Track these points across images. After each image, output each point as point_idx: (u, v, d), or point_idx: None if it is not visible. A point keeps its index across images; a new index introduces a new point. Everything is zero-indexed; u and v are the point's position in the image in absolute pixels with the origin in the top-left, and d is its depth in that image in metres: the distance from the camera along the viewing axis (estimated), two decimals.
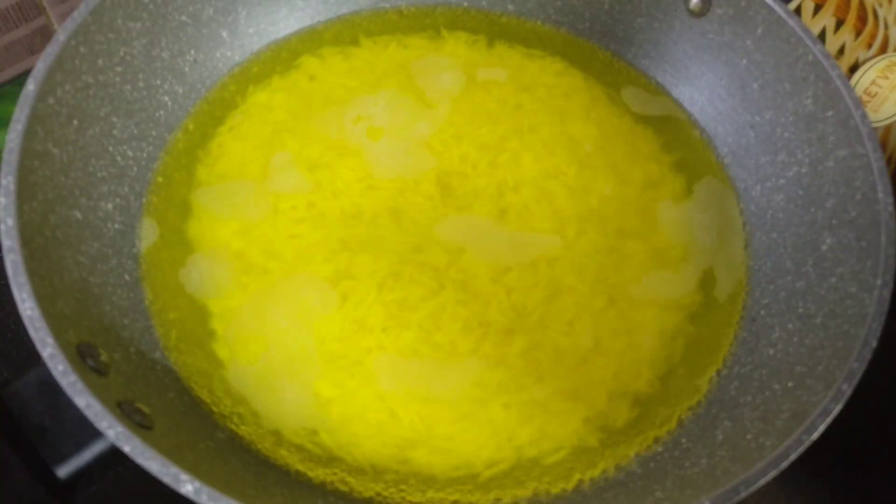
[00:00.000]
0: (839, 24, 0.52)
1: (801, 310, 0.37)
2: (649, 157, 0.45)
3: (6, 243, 0.29)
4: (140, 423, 0.29)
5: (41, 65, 0.34)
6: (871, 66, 0.51)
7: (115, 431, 0.26)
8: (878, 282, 0.33)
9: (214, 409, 0.35)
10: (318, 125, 0.44)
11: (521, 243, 0.40)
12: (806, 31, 0.40)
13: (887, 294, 0.33)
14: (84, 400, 0.27)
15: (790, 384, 0.34)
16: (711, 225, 0.43)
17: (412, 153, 0.43)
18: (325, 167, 0.42)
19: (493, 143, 0.44)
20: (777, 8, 0.41)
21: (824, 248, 0.38)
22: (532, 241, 0.41)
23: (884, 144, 0.50)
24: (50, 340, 0.27)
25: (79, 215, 0.35)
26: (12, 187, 0.30)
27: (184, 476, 0.26)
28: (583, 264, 0.40)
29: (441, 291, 0.38)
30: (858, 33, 0.52)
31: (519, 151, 0.44)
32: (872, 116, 0.50)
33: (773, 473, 0.29)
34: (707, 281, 0.41)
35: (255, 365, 0.36)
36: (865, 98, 0.50)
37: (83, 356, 0.29)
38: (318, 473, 0.34)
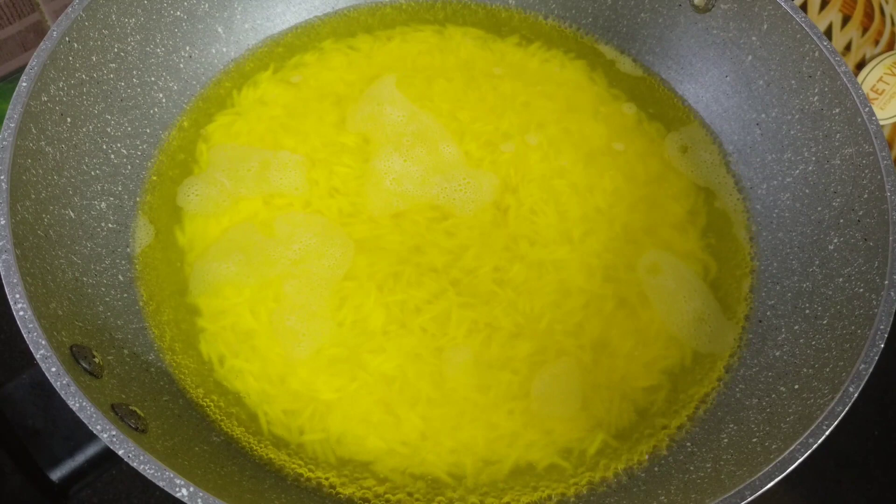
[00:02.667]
0: (846, 20, 0.51)
1: (807, 311, 0.36)
2: (654, 153, 0.44)
3: None
4: (134, 426, 0.28)
5: (34, 62, 0.34)
6: (878, 63, 0.50)
7: (108, 434, 0.26)
8: (886, 282, 0.33)
9: (209, 412, 0.34)
10: (315, 121, 0.43)
11: (526, 244, 0.40)
12: (812, 26, 0.40)
13: (895, 294, 0.33)
14: (77, 402, 0.26)
15: (796, 386, 0.33)
16: (717, 221, 0.42)
17: (411, 150, 0.43)
18: (321, 164, 0.42)
19: (496, 141, 0.43)
20: (783, 3, 0.41)
21: (831, 247, 0.37)
22: (538, 243, 0.40)
23: (891, 142, 0.49)
24: (43, 342, 0.27)
25: (72, 214, 0.35)
26: (5, 186, 0.30)
27: (179, 480, 0.25)
28: (591, 265, 0.39)
29: (443, 294, 0.38)
30: (865, 30, 0.51)
31: (524, 149, 0.43)
32: (879, 114, 0.49)
33: (779, 477, 0.28)
34: (714, 280, 0.40)
35: (252, 367, 0.36)
36: (872, 95, 0.50)
37: (77, 358, 0.29)
38: (315, 477, 0.33)
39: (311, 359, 0.36)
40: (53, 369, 0.27)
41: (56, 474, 0.31)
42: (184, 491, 0.25)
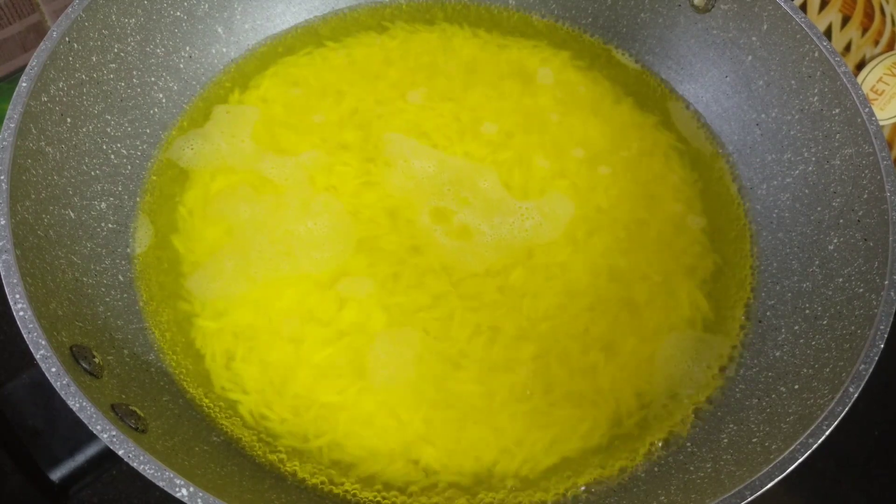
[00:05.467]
0: (846, 20, 0.51)
1: (807, 311, 0.36)
2: (654, 152, 0.44)
3: None
4: (134, 427, 0.28)
5: (35, 62, 0.34)
6: (878, 64, 0.50)
7: (108, 435, 0.26)
8: (886, 282, 0.33)
9: (209, 412, 0.34)
10: (314, 121, 0.43)
11: (528, 247, 0.40)
12: (812, 27, 0.40)
13: (895, 295, 0.33)
14: (77, 402, 0.26)
15: (796, 387, 0.33)
16: (717, 220, 0.42)
17: (412, 149, 0.43)
18: (320, 163, 0.42)
19: (498, 141, 0.43)
20: (783, 3, 0.41)
21: (831, 247, 0.37)
22: (540, 244, 0.40)
23: (891, 143, 0.49)
24: (43, 342, 0.27)
25: (72, 215, 0.35)
26: (5, 186, 0.30)
27: (179, 480, 0.25)
28: (595, 266, 0.39)
29: (445, 296, 0.37)
30: (865, 30, 0.51)
31: (525, 149, 0.43)
32: (879, 114, 0.49)
33: (779, 477, 0.28)
34: (713, 279, 0.40)
35: (252, 368, 0.36)
36: (872, 96, 0.50)
37: (77, 358, 0.29)
38: (316, 478, 0.33)
39: (312, 360, 0.36)
40: (53, 369, 0.27)
41: (56, 474, 0.31)
42: (184, 491, 0.25)
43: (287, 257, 0.38)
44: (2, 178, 0.30)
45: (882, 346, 0.31)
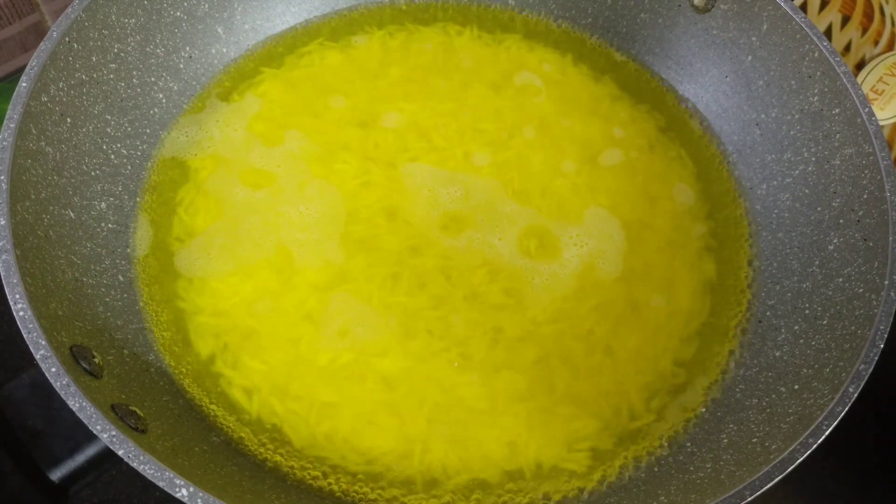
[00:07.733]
0: (845, 20, 0.51)
1: (807, 311, 0.36)
2: (654, 152, 0.45)
3: None
4: (134, 427, 0.28)
5: (34, 62, 0.34)
6: (877, 64, 0.50)
7: (108, 435, 0.26)
8: (886, 282, 0.33)
9: (209, 412, 0.34)
10: (315, 120, 0.43)
11: (528, 247, 0.40)
12: (812, 27, 0.40)
13: (895, 295, 0.33)
14: (77, 402, 0.26)
15: (796, 387, 0.33)
16: (717, 221, 0.42)
17: (411, 149, 0.43)
18: (319, 163, 0.42)
19: (499, 141, 0.43)
20: (783, 3, 0.41)
21: (831, 248, 0.37)
22: (541, 245, 0.40)
23: (891, 143, 0.49)
24: (43, 342, 0.27)
25: (72, 215, 0.35)
26: (5, 186, 0.30)
27: (179, 480, 0.25)
28: (598, 266, 0.39)
29: (447, 297, 0.37)
30: (865, 30, 0.51)
31: (524, 149, 0.43)
32: (879, 114, 0.49)
33: (778, 477, 0.28)
34: (713, 280, 0.40)
35: (253, 367, 0.36)
36: (872, 96, 0.50)
37: (77, 358, 0.29)
38: (317, 478, 0.33)
39: (313, 360, 0.36)
40: (53, 369, 0.27)
41: (56, 474, 0.31)
42: (184, 491, 0.25)
43: (288, 254, 0.38)
44: (2, 178, 0.30)
45: (882, 346, 0.31)
